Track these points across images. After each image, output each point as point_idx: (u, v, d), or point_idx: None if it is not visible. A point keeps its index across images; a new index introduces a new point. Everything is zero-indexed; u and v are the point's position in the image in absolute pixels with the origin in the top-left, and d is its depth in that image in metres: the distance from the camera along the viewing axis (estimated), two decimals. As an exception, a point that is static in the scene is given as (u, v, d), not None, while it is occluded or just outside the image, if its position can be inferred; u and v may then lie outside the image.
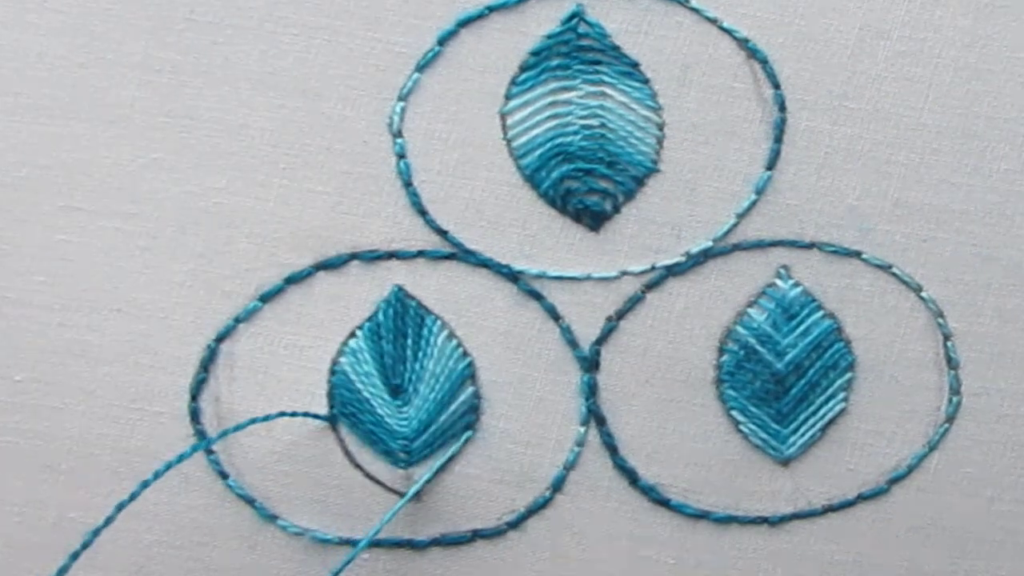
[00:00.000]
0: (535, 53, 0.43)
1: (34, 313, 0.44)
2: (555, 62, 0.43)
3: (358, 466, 0.44)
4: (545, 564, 0.45)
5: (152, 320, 0.44)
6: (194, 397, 0.44)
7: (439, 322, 0.44)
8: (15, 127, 0.43)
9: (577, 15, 0.43)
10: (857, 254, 0.44)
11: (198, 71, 0.43)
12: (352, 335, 0.44)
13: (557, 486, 0.44)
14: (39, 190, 0.43)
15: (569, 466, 0.44)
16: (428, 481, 0.44)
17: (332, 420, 0.44)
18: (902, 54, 0.43)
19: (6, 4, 0.43)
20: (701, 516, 0.45)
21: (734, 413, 0.44)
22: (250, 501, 0.44)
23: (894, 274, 0.44)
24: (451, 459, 0.44)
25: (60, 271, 0.43)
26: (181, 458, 0.41)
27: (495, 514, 0.45)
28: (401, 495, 0.44)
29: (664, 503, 0.44)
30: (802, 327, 0.44)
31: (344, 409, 0.44)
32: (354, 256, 0.44)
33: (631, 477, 0.44)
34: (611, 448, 0.44)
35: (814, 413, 0.44)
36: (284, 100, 0.43)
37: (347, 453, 0.44)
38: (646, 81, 0.43)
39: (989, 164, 0.44)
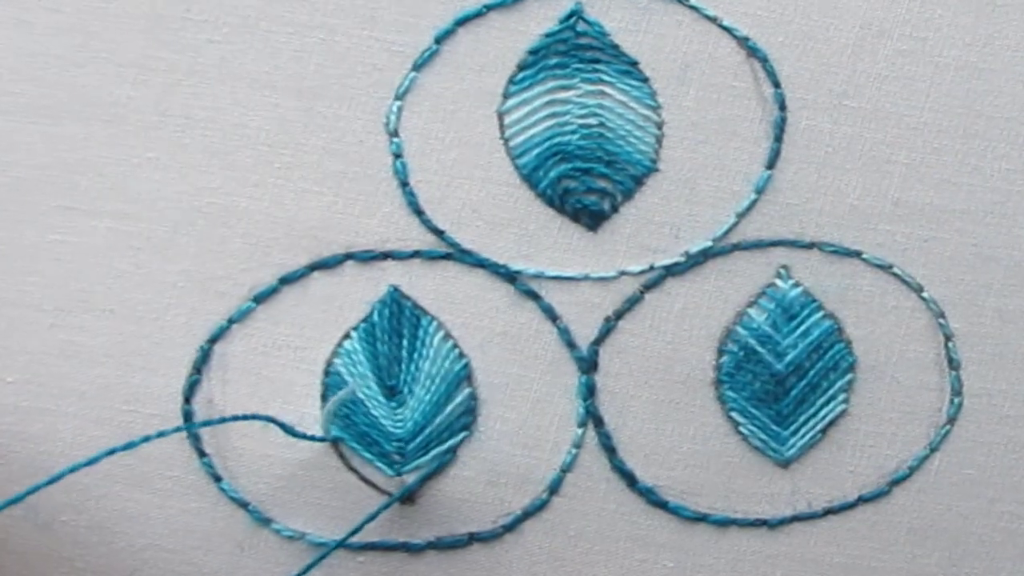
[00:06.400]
0: (533, 52, 0.43)
1: (27, 314, 0.43)
2: (553, 61, 0.43)
3: (353, 469, 0.44)
4: (541, 567, 0.44)
5: (145, 321, 0.43)
6: (187, 399, 0.44)
7: (435, 323, 0.44)
8: (9, 126, 0.43)
9: (576, 14, 0.43)
10: (858, 254, 0.44)
11: (193, 70, 0.43)
12: (347, 336, 0.44)
13: (554, 488, 0.44)
14: (33, 190, 0.43)
15: (566, 468, 0.44)
16: (417, 484, 0.43)
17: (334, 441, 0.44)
18: (903, 53, 0.43)
19: (1, 4, 0.43)
20: (700, 518, 0.44)
21: (733, 414, 0.44)
22: (244, 505, 0.44)
23: (895, 274, 0.44)
24: (445, 463, 0.44)
25: (53, 271, 0.43)
26: (162, 434, 0.40)
27: (491, 517, 0.44)
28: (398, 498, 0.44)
29: (662, 505, 0.44)
30: (802, 328, 0.44)
31: (338, 411, 0.44)
32: (349, 256, 0.43)
33: (629, 479, 0.44)
34: (609, 450, 0.44)
35: (814, 414, 0.44)
36: (280, 99, 0.43)
37: (341, 456, 0.44)
38: (645, 80, 0.43)
39: (990, 163, 0.44)
